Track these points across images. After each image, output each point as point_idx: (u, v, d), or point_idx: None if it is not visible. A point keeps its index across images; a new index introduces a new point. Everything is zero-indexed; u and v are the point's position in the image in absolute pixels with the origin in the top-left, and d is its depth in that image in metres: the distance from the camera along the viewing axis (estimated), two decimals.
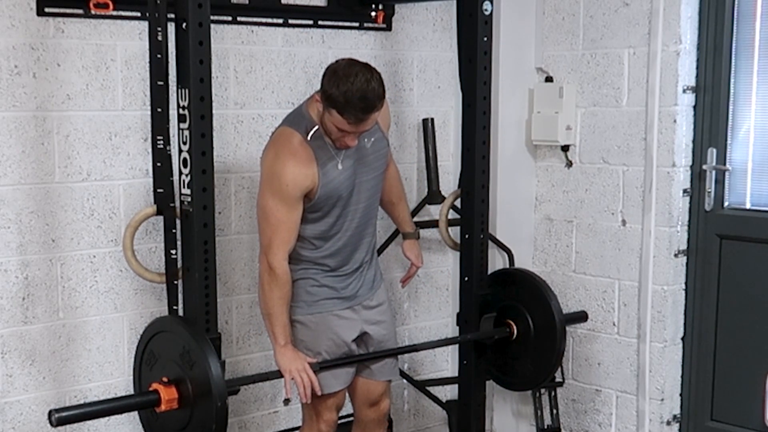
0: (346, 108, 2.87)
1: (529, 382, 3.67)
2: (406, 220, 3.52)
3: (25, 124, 3.17)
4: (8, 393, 3.24)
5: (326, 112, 2.93)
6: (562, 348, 3.48)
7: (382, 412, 3.42)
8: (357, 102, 2.87)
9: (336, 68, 2.92)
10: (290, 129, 3.04)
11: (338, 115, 2.89)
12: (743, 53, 3.69)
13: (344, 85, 2.86)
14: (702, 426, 3.91)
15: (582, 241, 4.09)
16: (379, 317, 3.29)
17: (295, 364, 3.05)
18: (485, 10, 3.35)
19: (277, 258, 3.02)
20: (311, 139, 3.01)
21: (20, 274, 3.22)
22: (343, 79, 2.87)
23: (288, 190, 2.98)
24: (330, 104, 2.90)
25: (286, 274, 3.05)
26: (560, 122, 4.02)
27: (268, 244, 3.03)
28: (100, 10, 3.23)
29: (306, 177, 3.00)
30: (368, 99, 2.88)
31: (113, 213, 3.38)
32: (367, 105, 2.89)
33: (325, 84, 2.92)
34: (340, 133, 2.96)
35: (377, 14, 3.91)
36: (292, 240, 3.06)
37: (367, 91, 2.88)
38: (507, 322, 3.52)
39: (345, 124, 2.91)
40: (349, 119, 2.90)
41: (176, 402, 2.78)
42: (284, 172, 2.97)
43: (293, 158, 2.98)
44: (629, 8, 3.82)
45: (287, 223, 3.02)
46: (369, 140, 3.15)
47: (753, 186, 3.73)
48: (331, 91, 2.88)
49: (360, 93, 2.87)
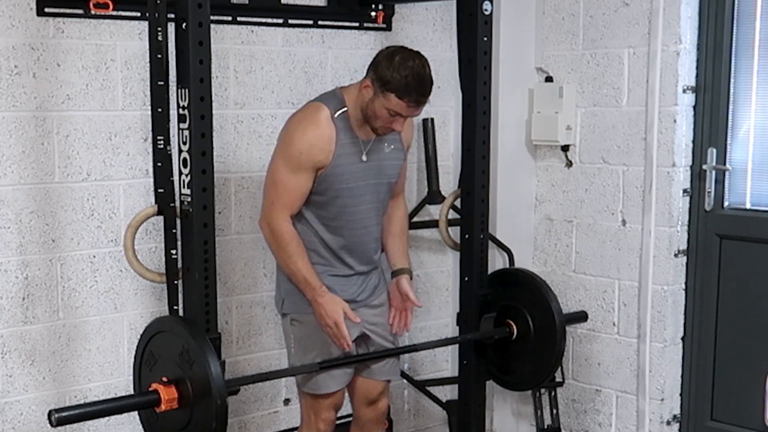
0: (407, 91, 2.94)
1: (529, 382, 3.67)
2: (404, 254, 3.39)
3: (25, 124, 3.17)
4: (8, 393, 3.24)
5: (379, 97, 2.98)
6: (561, 348, 3.48)
7: (380, 412, 3.42)
8: (417, 86, 2.96)
9: (392, 54, 3.00)
10: (319, 103, 3.10)
11: (396, 98, 2.95)
12: (743, 53, 3.69)
13: (404, 70, 2.94)
14: (702, 426, 3.91)
15: (582, 241, 4.09)
16: (379, 318, 3.29)
17: (329, 317, 3.05)
18: (485, 10, 3.36)
19: (279, 219, 3.05)
20: (337, 118, 3.06)
21: (20, 274, 3.22)
22: (402, 64, 2.95)
23: (300, 158, 3.01)
24: (387, 88, 2.95)
25: (289, 232, 3.06)
26: (560, 122, 4.02)
27: (269, 206, 3.06)
28: (100, 10, 3.23)
29: (321, 150, 3.03)
30: (426, 82, 2.99)
31: (113, 213, 3.38)
32: (426, 88, 2.99)
33: (381, 70, 2.97)
34: (391, 118, 3.00)
35: (377, 14, 3.91)
36: (295, 207, 3.07)
37: (424, 74, 2.99)
38: (507, 322, 3.52)
39: (403, 107, 2.97)
40: (409, 102, 2.96)
41: (176, 402, 2.77)
42: (302, 139, 3.02)
43: (314, 129, 3.03)
44: (629, 8, 3.82)
45: (292, 191, 3.05)
46: (389, 146, 3.18)
47: (753, 186, 3.73)
48: (389, 76, 2.95)
49: (419, 77, 2.96)
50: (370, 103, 3.02)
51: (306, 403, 3.27)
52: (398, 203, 3.39)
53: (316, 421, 3.26)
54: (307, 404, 3.27)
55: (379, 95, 2.98)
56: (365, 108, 3.04)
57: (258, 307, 3.78)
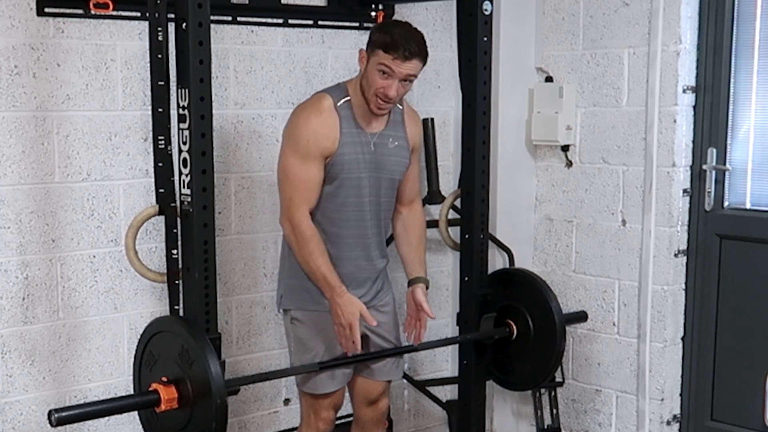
0: (393, 45, 2.99)
1: (528, 382, 3.67)
2: (421, 263, 3.33)
3: (25, 124, 3.17)
4: (8, 393, 3.24)
5: (371, 60, 3.02)
6: (561, 348, 3.48)
7: (380, 412, 3.42)
8: (404, 40, 2.99)
9: (385, 22, 3.17)
10: (322, 93, 3.15)
11: (384, 53, 2.99)
12: (743, 53, 3.69)
13: (392, 28, 3.05)
14: (702, 426, 3.91)
15: (582, 241, 4.09)
16: (380, 318, 3.29)
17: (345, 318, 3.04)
18: (485, 10, 3.36)
19: (299, 214, 3.05)
20: (339, 107, 3.08)
21: (20, 274, 3.22)
22: (390, 24, 3.17)
23: (308, 146, 3.03)
24: (376, 46, 3.02)
25: (311, 228, 3.06)
26: (560, 122, 4.02)
27: (288, 203, 3.06)
28: (100, 10, 3.23)
29: (326, 137, 3.04)
30: (413, 38, 3.02)
31: (113, 213, 3.38)
32: (414, 40, 3.02)
33: (371, 35, 3.07)
34: (383, 81, 3.00)
35: (377, 14, 3.91)
36: (313, 199, 3.08)
37: (412, 32, 3.05)
38: (507, 322, 3.52)
39: (389, 60, 2.99)
40: (395, 54, 2.98)
41: (176, 401, 2.77)
42: (306, 127, 3.04)
43: (317, 116, 3.06)
44: (629, 8, 3.82)
45: (307, 182, 3.05)
46: (393, 142, 3.19)
47: (753, 186, 3.73)
48: (377, 36, 3.03)
49: (406, 32, 3.03)
50: (365, 74, 3.05)
51: (305, 402, 3.28)
52: (414, 210, 3.37)
53: (316, 420, 3.26)
54: (307, 404, 3.27)
55: (370, 58, 3.03)
56: (362, 84, 3.06)
57: (258, 307, 3.78)
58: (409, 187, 3.33)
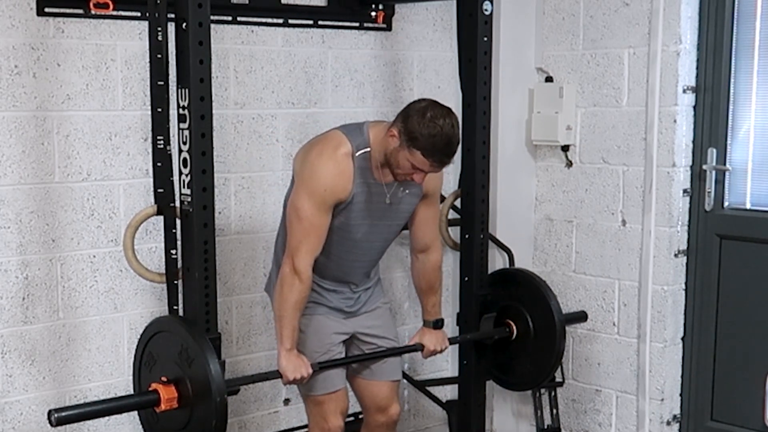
0: (433, 152, 2.89)
1: (528, 382, 3.67)
2: (428, 311, 3.34)
3: (25, 124, 3.17)
4: (8, 393, 3.24)
5: (404, 150, 2.92)
6: (561, 348, 3.48)
7: (391, 418, 3.36)
8: (444, 147, 2.90)
9: (424, 110, 2.92)
10: (343, 136, 3.02)
11: (422, 156, 2.90)
12: (743, 53, 3.69)
13: (434, 129, 2.88)
14: (702, 426, 3.91)
15: (582, 241, 4.09)
16: (372, 321, 3.28)
17: (299, 372, 3.03)
18: (485, 10, 3.36)
19: (304, 262, 2.99)
20: (357, 157, 3.00)
21: (20, 274, 3.22)
22: (432, 122, 2.88)
23: (325, 195, 2.96)
24: (414, 145, 2.89)
25: (309, 280, 3.02)
26: (560, 122, 4.02)
27: (296, 246, 2.99)
28: (100, 10, 3.23)
29: (343, 189, 2.98)
30: (453, 144, 2.94)
31: (113, 213, 3.38)
32: (452, 150, 2.94)
33: (410, 124, 2.90)
34: (413, 170, 2.96)
35: (377, 14, 3.91)
36: (319, 248, 3.02)
37: (453, 136, 2.93)
38: (507, 322, 3.52)
39: (426, 165, 2.93)
40: (433, 162, 2.92)
41: (176, 401, 2.77)
42: (325, 175, 2.96)
43: (335, 166, 2.97)
44: (629, 8, 3.82)
45: (318, 228, 2.99)
46: (405, 191, 3.12)
47: (753, 186, 3.73)
48: (418, 133, 2.88)
49: (447, 139, 2.90)
50: (394, 152, 2.96)
51: (311, 410, 3.24)
52: (428, 257, 3.29)
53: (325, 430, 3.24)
54: (313, 412, 3.24)
55: (404, 148, 2.92)
56: (389, 155, 2.98)
57: (258, 307, 3.78)
58: (422, 233, 3.26)
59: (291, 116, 3.74)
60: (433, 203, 3.26)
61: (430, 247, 3.28)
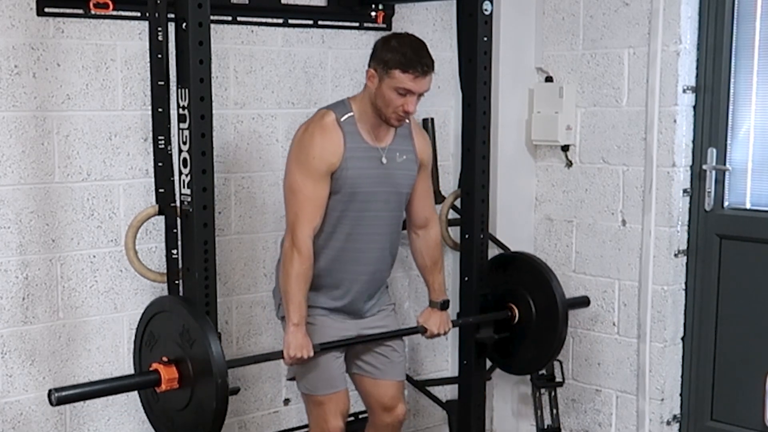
0: (409, 62, 2.97)
1: (530, 366, 3.68)
2: (434, 290, 3.36)
3: (25, 124, 3.17)
4: (8, 393, 3.24)
5: (385, 80, 3.00)
6: (564, 331, 3.48)
7: (398, 418, 3.35)
8: (416, 53, 2.99)
9: (387, 38, 3.06)
10: (325, 110, 3.13)
11: (401, 72, 2.97)
12: (743, 53, 3.69)
13: (402, 46, 3.00)
14: (702, 426, 3.91)
15: (582, 241, 4.09)
16: (378, 323, 3.28)
17: (300, 350, 3.03)
18: (485, 10, 3.36)
19: (302, 234, 3.02)
20: (343, 122, 3.07)
21: (20, 274, 3.22)
22: (396, 42, 3.02)
23: (315, 164, 3.01)
24: (389, 66, 2.99)
25: (309, 251, 3.04)
26: (560, 122, 4.02)
27: (293, 219, 3.04)
28: (100, 10, 3.23)
29: (332, 153, 3.03)
30: (424, 48, 3.03)
31: (113, 213, 3.38)
32: (425, 53, 3.02)
33: (380, 53, 3.02)
34: (401, 98, 3.00)
35: (377, 14, 3.91)
36: (318, 218, 3.06)
37: (420, 43, 3.04)
38: (509, 306, 3.52)
39: (408, 80, 2.98)
40: (414, 72, 2.98)
41: (176, 381, 2.78)
42: (312, 144, 3.03)
43: (321, 133, 3.04)
44: (629, 8, 3.82)
45: (314, 199, 3.03)
46: (402, 156, 3.16)
47: (753, 186, 3.73)
48: (389, 56, 2.99)
49: (416, 45, 3.02)
50: (378, 92, 3.02)
51: (311, 411, 3.24)
52: (428, 233, 3.32)
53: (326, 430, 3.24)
54: (313, 413, 3.23)
55: (384, 78, 3.00)
56: (375, 99, 3.04)
57: (258, 307, 3.78)
58: (420, 206, 3.29)
59: (291, 116, 3.74)
60: (428, 176, 3.33)
61: (429, 221, 3.33)
